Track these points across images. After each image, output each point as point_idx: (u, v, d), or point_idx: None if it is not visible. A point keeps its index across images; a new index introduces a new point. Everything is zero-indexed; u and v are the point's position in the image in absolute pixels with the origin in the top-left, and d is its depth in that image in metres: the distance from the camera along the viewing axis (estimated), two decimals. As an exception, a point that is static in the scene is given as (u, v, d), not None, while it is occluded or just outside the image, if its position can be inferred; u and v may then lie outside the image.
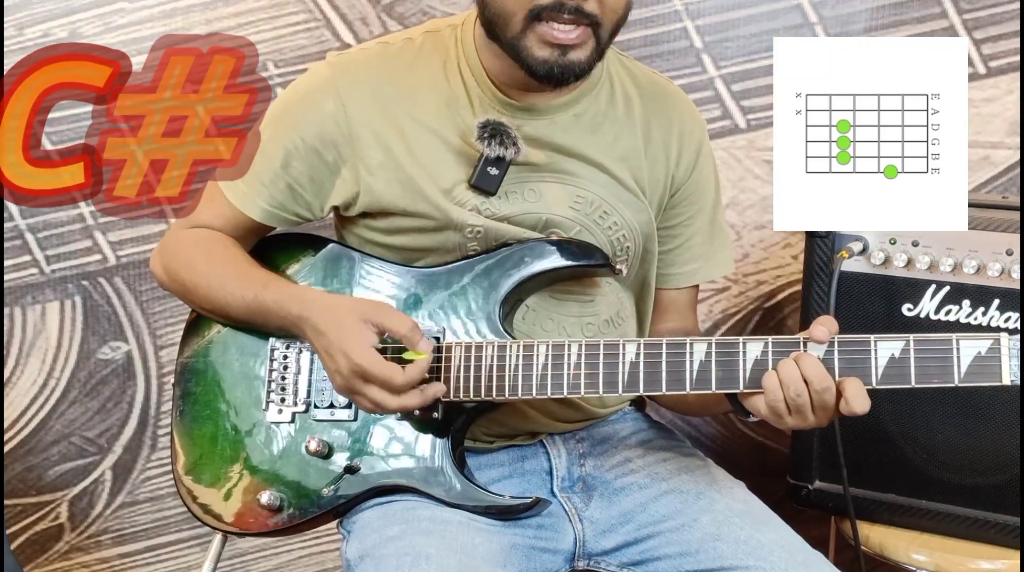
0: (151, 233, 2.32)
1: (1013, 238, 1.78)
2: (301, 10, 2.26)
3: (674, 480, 1.62)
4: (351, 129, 1.57)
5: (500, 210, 1.57)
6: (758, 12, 2.23)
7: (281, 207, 1.62)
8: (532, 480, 1.64)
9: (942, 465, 1.85)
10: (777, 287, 2.32)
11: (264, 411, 1.59)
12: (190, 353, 1.66)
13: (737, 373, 1.44)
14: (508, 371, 1.50)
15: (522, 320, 1.59)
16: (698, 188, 1.69)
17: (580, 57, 1.49)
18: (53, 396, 2.38)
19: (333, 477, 1.56)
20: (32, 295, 2.34)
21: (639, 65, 1.71)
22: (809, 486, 1.95)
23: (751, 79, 2.25)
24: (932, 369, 1.39)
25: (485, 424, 1.60)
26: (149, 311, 2.36)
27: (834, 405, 1.40)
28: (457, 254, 1.58)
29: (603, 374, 1.47)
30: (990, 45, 2.20)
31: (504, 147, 1.53)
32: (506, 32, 1.50)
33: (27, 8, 2.24)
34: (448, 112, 1.58)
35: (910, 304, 1.84)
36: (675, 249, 1.71)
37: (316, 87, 1.60)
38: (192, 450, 1.62)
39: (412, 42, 1.63)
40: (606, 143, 1.61)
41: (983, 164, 2.23)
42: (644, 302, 1.72)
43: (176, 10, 2.25)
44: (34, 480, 2.41)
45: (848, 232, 1.86)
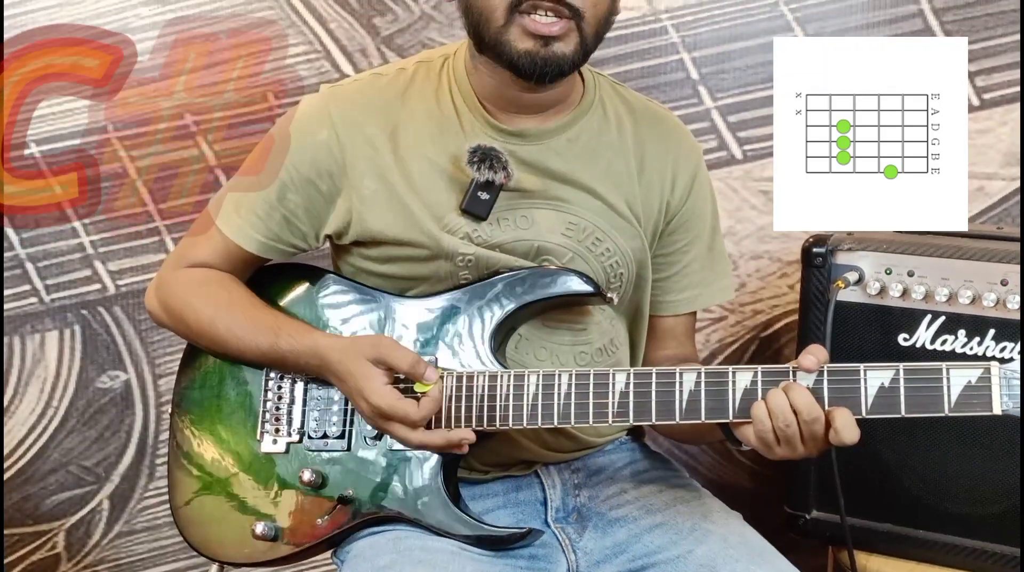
0: (151, 262, 2.32)
1: (1008, 268, 1.78)
2: (301, 42, 2.27)
3: (668, 512, 1.61)
4: (345, 158, 1.57)
5: (492, 237, 1.57)
6: (754, 44, 2.24)
7: (277, 239, 1.62)
8: (526, 510, 1.63)
9: (940, 494, 1.84)
10: (774, 317, 2.32)
11: (259, 441, 1.59)
12: (186, 383, 1.65)
13: (727, 403, 1.43)
14: (499, 401, 1.49)
15: (515, 349, 1.59)
16: (694, 214, 1.68)
17: (564, 50, 1.48)
18: (51, 425, 2.37)
19: (327, 507, 1.55)
20: (31, 324, 2.34)
21: (634, 92, 1.71)
22: (806, 515, 1.94)
23: (747, 110, 2.26)
24: (922, 398, 1.38)
25: (479, 453, 1.59)
26: (148, 340, 2.35)
27: (823, 435, 1.39)
28: (449, 283, 1.57)
29: (593, 404, 1.46)
30: (984, 78, 2.21)
31: (494, 171, 1.53)
32: (490, 29, 1.49)
33: (30, 39, 2.25)
34: (440, 139, 1.58)
35: (906, 334, 1.83)
36: (673, 276, 1.70)
37: (310, 118, 1.61)
38: (188, 480, 1.62)
39: (405, 71, 1.63)
40: (599, 169, 1.61)
41: (978, 195, 2.23)
42: (637, 329, 1.71)
43: (177, 42, 2.26)
44: (31, 509, 2.40)
45: (844, 263, 1.86)
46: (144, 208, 2.32)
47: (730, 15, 2.24)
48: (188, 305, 1.63)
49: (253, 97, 2.29)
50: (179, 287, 1.65)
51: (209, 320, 1.60)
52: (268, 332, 1.56)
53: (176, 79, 2.27)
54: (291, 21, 2.27)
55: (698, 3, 2.23)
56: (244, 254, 1.63)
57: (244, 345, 1.58)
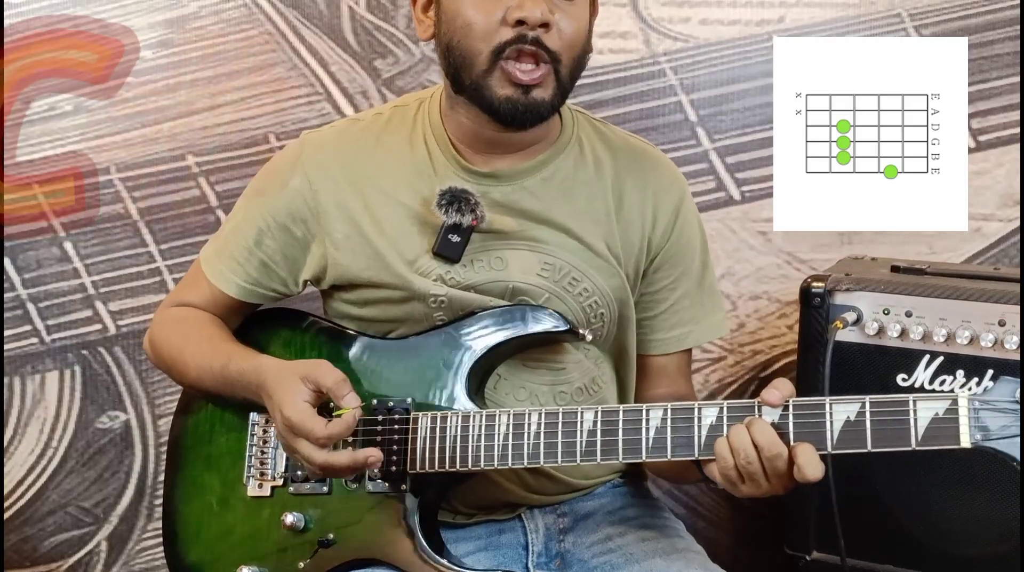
0: (152, 302, 2.32)
1: (1006, 309, 1.78)
2: (303, 84, 2.29)
3: (647, 563, 1.58)
4: (318, 204, 1.59)
5: (465, 279, 1.56)
6: (751, 87, 2.25)
7: (256, 283, 1.63)
8: (507, 554, 1.62)
9: (941, 536, 1.84)
10: (773, 357, 2.32)
11: (244, 485, 1.59)
12: (179, 430, 1.67)
13: (693, 440, 1.40)
14: (471, 441, 1.48)
15: (494, 389, 1.58)
16: (679, 250, 1.66)
17: (543, 96, 1.49)
18: (51, 466, 2.37)
19: (309, 551, 1.55)
20: (32, 364, 2.34)
21: (614, 128, 1.70)
22: (807, 556, 1.93)
23: (745, 152, 2.27)
24: (889, 432, 1.34)
25: (462, 496, 1.59)
26: (148, 380, 2.36)
27: (788, 472, 1.36)
28: (426, 324, 1.57)
29: (562, 443, 1.45)
30: (979, 120, 2.23)
31: (462, 214, 1.53)
32: (472, 73, 1.50)
33: (33, 83, 2.27)
34: (413, 182, 1.59)
35: (904, 374, 1.83)
36: (661, 314, 1.67)
37: (285, 165, 1.63)
38: (180, 525, 1.63)
39: (381, 116, 1.65)
40: (576, 208, 1.60)
41: (975, 236, 2.24)
42: (625, 368, 1.69)
43: (180, 85, 2.28)
44: (29, 551, 2.39)
45: (842, 303, 1.86)
46: (145, 249, 2.32)
47: (727, 58, 2.26)
48: (166, 340, 1.66)
49: (255, 138, 2.30)
50: (163, 323, 1.69)
51: (179, 352, 1.63)
52: (222, 356, 1.57)
53: (178, 120, 2.29)
54: (293, 63, 2.28)
55: (696, 46, 2.25)
56: (227, 299, 1.64)
57: (202, 371, 1.59)
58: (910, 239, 2.25)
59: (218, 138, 2.30)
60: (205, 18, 2.28)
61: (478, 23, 1.48)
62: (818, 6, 2.23)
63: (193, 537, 1.62)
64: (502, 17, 1.46)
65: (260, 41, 2.28)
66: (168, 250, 2.33)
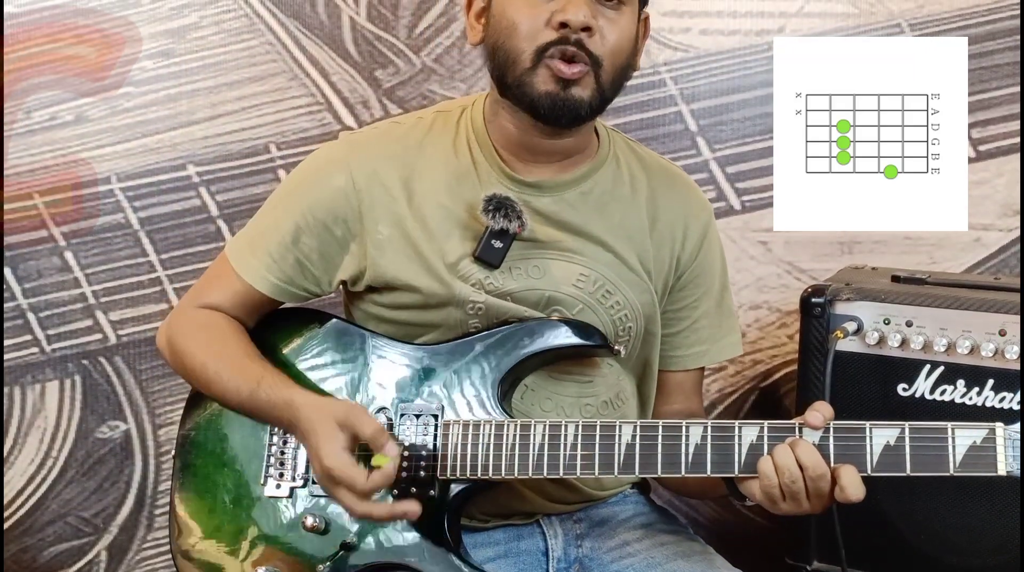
0: (152, 312, 2.33)
1: (1006, 318, 1.78)
2: (303, 94, 2.29)
3: (669, 565, 1.60)
4: (360, 204, 1.59)
5: (503, 286, 1.58)
6: (751, 96, 2.26)
7: (290, 282, 1.63)
8: (527, 560, 1.63)
9: (940, 546, 1.84)
10: (773, 367, 2.33)
11: (262, 485, 1.58)
12: (191, 425, 1.65)
13: (732, 457, 1.42)
14: (505, 450, 1.49)
15: (520, 399, 1.59)
16: (704, 270, 1.69)
17: (581, 95, 1.51)
18: (51, 476, 2.37)
19: (329, 554, 1.54)
20: (32, 374, 2.35)
21: (647, 150, 1.73)
22: (807, 567, 1.93)
23: (745, 162, 2.28)
24: (927, 458, 1.38)
25: (481, 503, 1.59)
26: (148, 390, 2.36)
27: (829, 492, 1.39)
28: (458, 331, 1.58)
29: (599, 455, 1.46)
30: (979, 130, 2.23)
31: (508, 220, 1.55)
32: (516, 71, 1.52)
33: (34, 92, 2.28)
34: (456, 187, 1.60)
35: (905, 384, 1.83)
36: (682, 331, 1.71)
37: (328, 163, 1.62)
38: (191, 524, 1.61)
39: (423, 120, 1.65)
40: (612, 222, 1.62)
41: (975, 246, 2.24)
42: (647, 384, 1.71)
43: (181, 94, 2.29)
44: (29, 561, 2.38)
45: (842, 313, 1.87)
46: (146, 258, 2.33)
47: (727, 68, 2.27)
48: (187, 347, 1.64)
49: (256, 148, 2.31)
50: (184, 328, 1.66)
51: (201, 364, 1.61)
52: (251, 381, 1.56)
53: (179, 130, 2.30)
54: (293, 73, 2.29)
55: (696, 56, 2.26)
56: (256, 296, 1.63)
57: (227, 391, 1.59)
58: (910, 249, 2.26)
59: (219, 148, 2.31)
60: (206, 28, 2.28)
61: (523, 24, 1.51)
62: (818, 16, 2.23)
63: (206, 535, 1.59)
64: (547, 19, 1.49)
65: (261, 51, 2.29)
66: (169, 259, 2.33)
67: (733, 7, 2.25)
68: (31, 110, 2.29)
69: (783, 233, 2.27)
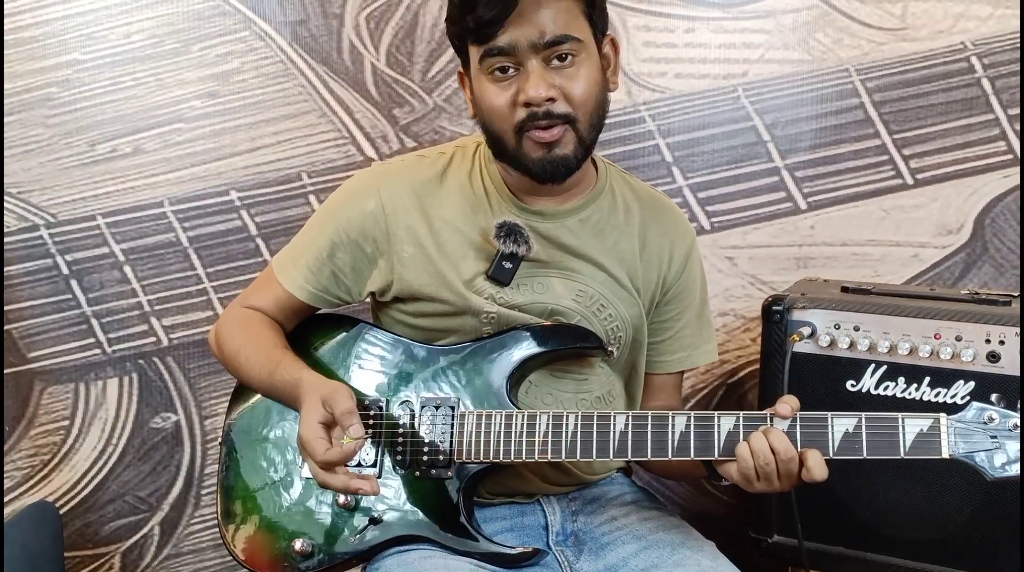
0: (199, 318, 2.33)
1: (940, 324, 1.79)
2: (331, 129, 2.30)
3: (653, 536, 1.61)
4: (388, 226, 1.60)
5: (512, 299, 1.59)
6: (719, 131, 2.27)
7: (325, 291, 1.64)
8: (531, 533, 1.64)
9: (884, 521, 1.85)
10: (738, 366, 2.34)
11: (300, 467, 1.59)
12: (236, 415, 1.66)
13: (713, 443, 1.44)
14: (514, 437, 1.50)
15: (525, 393, 1.60)
16: (687, 287, 1.71)
17: (565, 151, 1.51)
18: (111, 461, 2.37)
19: (359, 527, 1.55)
20: (95, 372, 2.35)
21: (638, 181, 1.74)
22: (768, 539, 1.93)
23: (714, 188, 2.29)
24: (881, 443, 1.39)
25: (488, 484, 1.61)
26: (196, 386, 2.36)
27: (797, 473, 1.41)
28: (472, 335, 1.60)
29: (596, 441, 1.48)
30: (917, 160, 2.25)
31: (517, 245, 1.56)
32: (506, 147, 1.54)
33: (98, 128, 2.29)
34: (471, 214, 1.61)
35: (853, 381, 1.84)
36: (667, 339, 1.72)
37: (361, 190, 1.64)
38: (235, 502, 1.61)
39: (444, 155, 1.67)
40: (607, 246, 1.63)
41: (913, 261, 2.26)
42: (633, 385, 1.73)
43: (225, 130, 2.30)
44: (91, 535, 2.39)
45: (799, 319, 1.87)
46: (194, 272, 2.34)
47: (699, 106, 2.28)
48: (227, 336, 1.66)
49: (289, 176, 2.32)
50: (228, 322, 1.69)
51: (235, 352, 1.63)
52: (272, 364, 1.57)
53: (223, 160, 2.31)
54: (323, 112, 2.30)
55: (672, 97, 2.27)
56: (295, 302, 1.65)
57: (253, 374, 1.60)
58: (857, 263, 2.27)
59: (257, 176, 2.31)
60: (247, 72, 2.29)
61: (497, 108, 1.51)
62: (776, 63, 2.25)
63: (249, 512, 1.60)
64: (513, 100, 1.49)
65: (294, 92, 2.29)
66: (213, 273, 2.34)
67: (703, 55, 2.26)
68: (95, 143, 2.30)
69: (747, 249, 2.30)
